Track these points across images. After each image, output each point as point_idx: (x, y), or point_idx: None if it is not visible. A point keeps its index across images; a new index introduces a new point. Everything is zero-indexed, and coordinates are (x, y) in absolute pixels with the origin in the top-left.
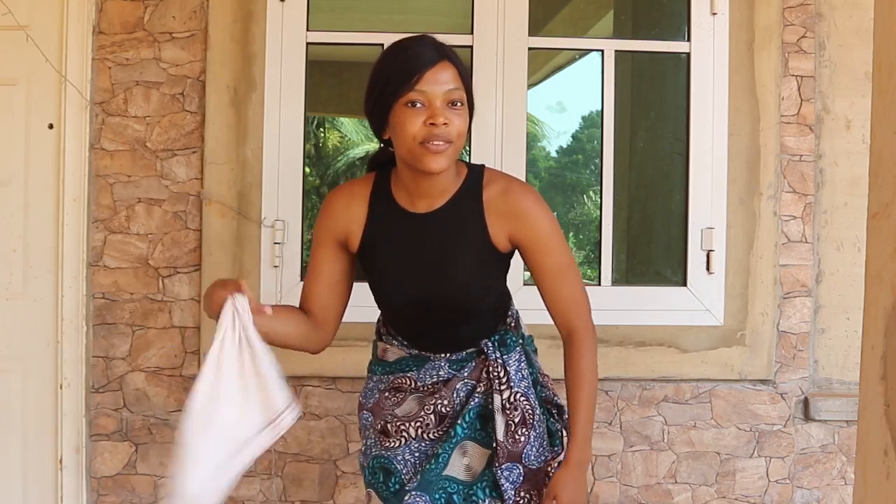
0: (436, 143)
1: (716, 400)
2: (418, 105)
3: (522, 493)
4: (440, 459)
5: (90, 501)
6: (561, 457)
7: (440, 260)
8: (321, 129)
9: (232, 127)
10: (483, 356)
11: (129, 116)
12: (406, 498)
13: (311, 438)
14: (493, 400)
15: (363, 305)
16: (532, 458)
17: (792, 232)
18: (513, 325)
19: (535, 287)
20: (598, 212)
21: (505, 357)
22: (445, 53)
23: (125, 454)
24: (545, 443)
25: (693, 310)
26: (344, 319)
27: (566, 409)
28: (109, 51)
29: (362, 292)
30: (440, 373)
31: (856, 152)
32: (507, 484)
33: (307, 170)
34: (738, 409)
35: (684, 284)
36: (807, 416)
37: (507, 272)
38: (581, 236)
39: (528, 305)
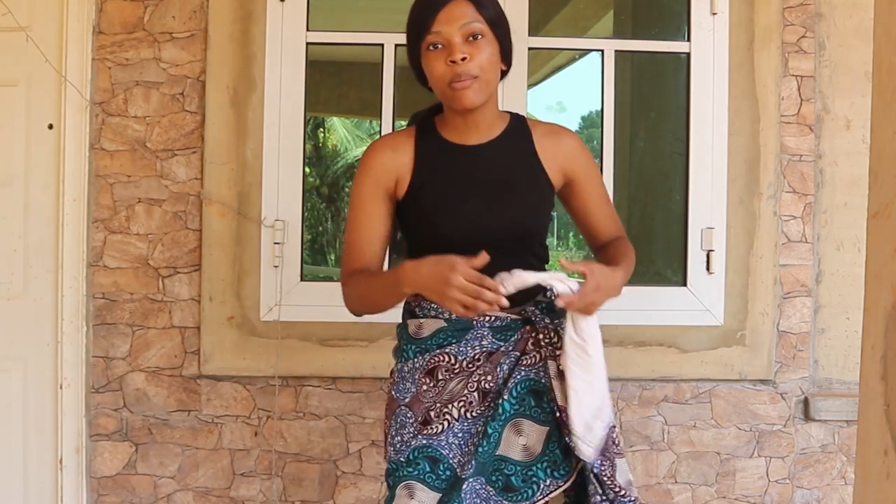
0: (459, 81)
1: (716, 400)
2: (439, 46)
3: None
4: (491, 439)
5: (90, 501)
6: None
7: (497, 188)
8: (321, 130)
9: (232, 127)
10: (529, 325)
11: (129, 116)
12: (464, 486)
13: (311, 438)
14: (546, 370)
15: None
16: None
17: (792, 232)
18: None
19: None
20: None
21: (556, 321)
22: None
23: (125, 454)
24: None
25: (693, 310)
26: (343, 319)
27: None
28: (109, 51)
29: None
30: (483, 343)
31: (856, 152)
32: (592, 450)
33: (307, 170)
34: (738, 409)
35: (684, 284)
36: (807, 416)
37: (550, 218)
38: (581, 236)
39: None
